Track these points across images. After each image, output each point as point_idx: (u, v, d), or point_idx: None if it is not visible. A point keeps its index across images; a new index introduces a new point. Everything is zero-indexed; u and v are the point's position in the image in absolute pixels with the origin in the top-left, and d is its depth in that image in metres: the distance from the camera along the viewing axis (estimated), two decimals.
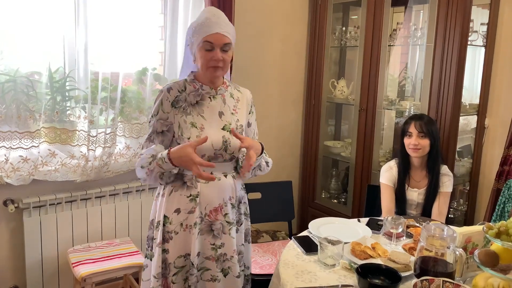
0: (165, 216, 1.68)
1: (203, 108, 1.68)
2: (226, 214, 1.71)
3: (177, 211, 1.67)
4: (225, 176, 1.71)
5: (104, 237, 2.59)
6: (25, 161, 2.23)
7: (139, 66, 2.58)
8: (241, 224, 1.80)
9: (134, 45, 2.48)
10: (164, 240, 1.68)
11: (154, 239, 1.72)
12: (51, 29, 2.28)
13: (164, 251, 1.69)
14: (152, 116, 1.68)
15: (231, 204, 1.73)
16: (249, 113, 1.82)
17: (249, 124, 1.82)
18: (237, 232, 1.77)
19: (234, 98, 1.77)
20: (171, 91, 1.67)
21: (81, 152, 2.41)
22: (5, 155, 2.19)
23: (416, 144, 2.28)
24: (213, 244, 1.69)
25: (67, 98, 2.41)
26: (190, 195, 1.66)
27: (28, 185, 2.29)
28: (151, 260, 1.74)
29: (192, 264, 1.67)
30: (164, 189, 1.71)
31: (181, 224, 1.67)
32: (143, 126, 2.57)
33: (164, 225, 1.68)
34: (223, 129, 1.68)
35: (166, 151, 1.58)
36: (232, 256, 1.72)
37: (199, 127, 1.65)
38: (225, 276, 1.72)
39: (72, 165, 2.39)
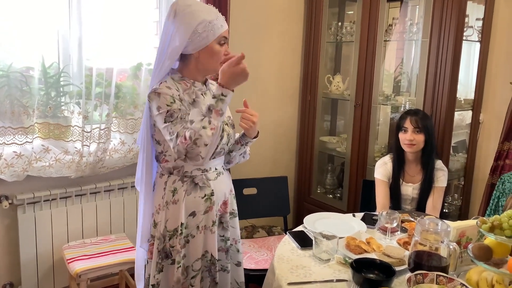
0: (181, 223, 1.62)
1: (201, 106, 1.60)
2: (231, 205, 1.78)
3: (193, 214, 1.64)
4: (224, 169, 1.77)
5: (99, 233, 2.59)
6: (19, 157, 2.22)
7: (134, 62, 2.56)
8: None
9: (129, 40, 2.47)
10: (181, 246, 1.64)
11: (172, 246, 1.63)
12: (45, 24, 2.25)
13: (184, 256, 1.65)
14: (168, 105, 1.49)
15: (232, 195, 1.80)
16: None
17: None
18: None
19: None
20: (172, 89, 1.53)
21: (75, 148, 2.39)
22: None
23: (411, 139, 2.28)
24: (223, 236, 1.75)
25: (61, 94, 2.39)
26: (205, 195, 1.64)
27: (22, 181, 2.28)
28: (159, 272, 1.65)
29: (216, 260, 1.68)
30: (173, 196, 1.63)
31: (198, 227, 1.65)
32: (137, 122, 2.55)
33: (181, 232, 1.62)
34: None
35: (216, 88, 1.48)
36: (232, 245, 1.80)
37: None
38: (234, 265, 1.82)
39: (67, 161, 2.38)
